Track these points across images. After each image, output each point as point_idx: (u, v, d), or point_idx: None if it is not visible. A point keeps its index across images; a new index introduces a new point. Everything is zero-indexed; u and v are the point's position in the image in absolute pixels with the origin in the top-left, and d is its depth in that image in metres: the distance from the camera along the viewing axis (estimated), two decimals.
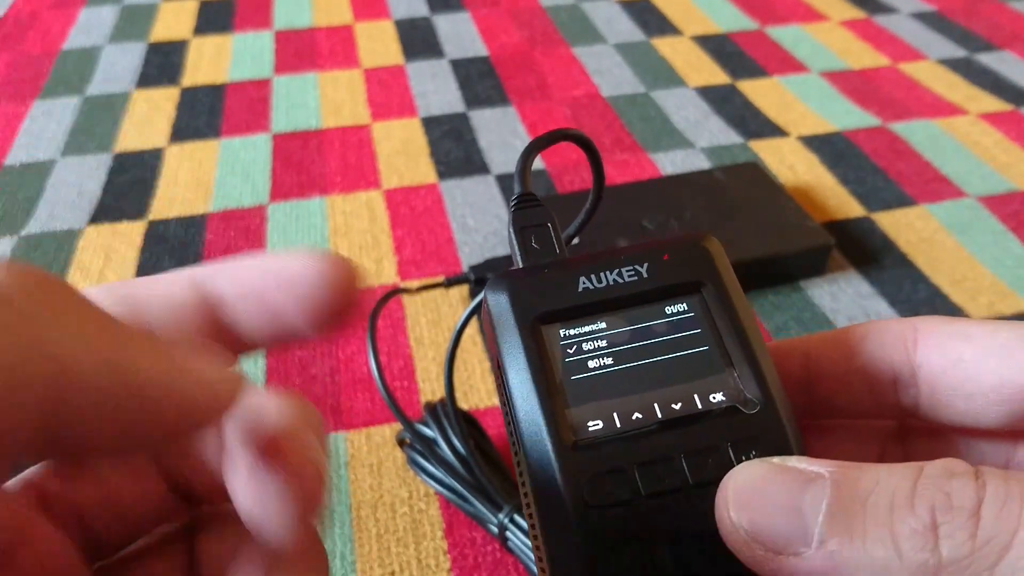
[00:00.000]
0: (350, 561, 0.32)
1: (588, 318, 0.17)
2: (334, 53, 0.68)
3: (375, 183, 0.53)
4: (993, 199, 0.51)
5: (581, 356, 0.17)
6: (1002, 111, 0.60)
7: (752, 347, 0.17)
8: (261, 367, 0.40)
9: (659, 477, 0.15)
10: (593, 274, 0.18)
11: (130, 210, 0.50)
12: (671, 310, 0.18)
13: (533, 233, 0.20)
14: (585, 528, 0.15)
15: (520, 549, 0.29)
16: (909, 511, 0.13)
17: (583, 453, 0.16)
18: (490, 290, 0.18)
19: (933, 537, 0.13)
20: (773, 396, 0.16)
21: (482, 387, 0.39)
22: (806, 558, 0.13)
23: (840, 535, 0.13)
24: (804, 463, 0.14)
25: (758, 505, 0.14)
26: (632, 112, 0.60)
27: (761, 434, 0.16)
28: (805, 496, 0.14)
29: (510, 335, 0.17)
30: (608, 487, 0.15)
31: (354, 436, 0.36)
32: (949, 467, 0.13)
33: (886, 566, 0.13)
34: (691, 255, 0.18)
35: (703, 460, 0.16)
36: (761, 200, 0.46)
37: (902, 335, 0.17)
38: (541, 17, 0.74)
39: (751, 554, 0.14)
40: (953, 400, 0.17)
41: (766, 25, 0.73)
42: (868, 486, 0.13)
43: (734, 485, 0.15)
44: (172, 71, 0.66)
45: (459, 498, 0.31)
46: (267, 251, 0.47)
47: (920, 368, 0.17)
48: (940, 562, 0.12)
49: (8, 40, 0.70)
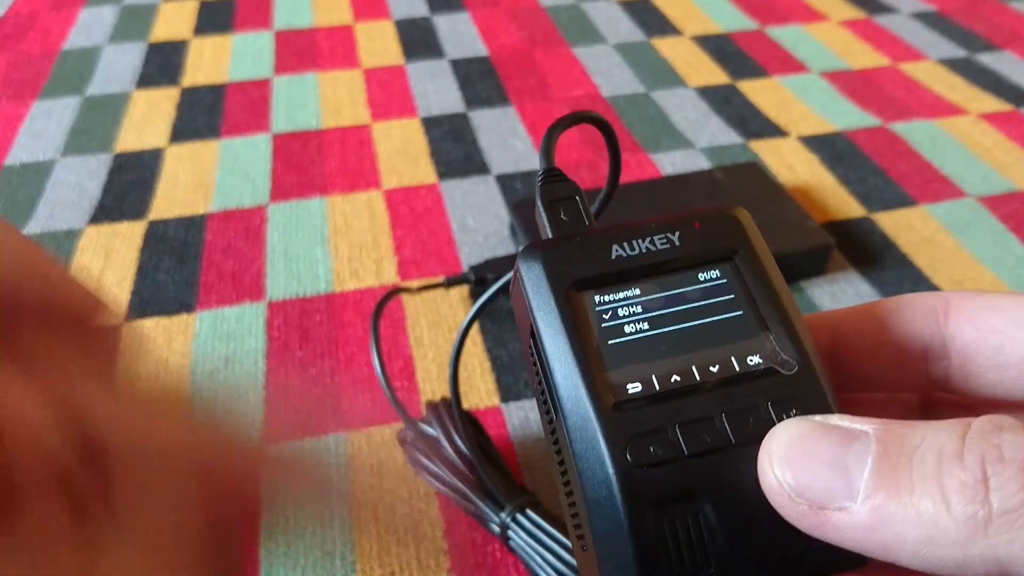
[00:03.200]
0: (350, 561, 0.32)
1: (622, 284, 0.17)
2: (334, 53, 0.68)
3: (375, 183, 0.53)
4: (993, 199, 0.51)
5: (617, 321, 0.17)
6: (1002, 111, 0.60)
7: (787, 312, 0.17)
8: (261, 368, 0.40)
9: (701, 436, 0.15)
10: (626, 242, 0.18)
11: (130, 210, 0.50)
12: (704, 276, 0.18)
13: (562, 206, 0.20)
14: (628, 488, 0.15)
15: (522, 548, 0.29)
16: (958, 464, 0.13)
17: (624, 414, 0.16)
18: (523, 259, 0.18)
19: (983, 489, 0.12)
20: (811, 358, 0.16)
21: (482, 387, 0.39)
22: (851, 512, 0.13)
23: (886, 489, 0.13)
24: (847, 421, 0.14)
25: (802, 461, 0.14)
26: (632, 112, 0.60)
27: (801, 394, 0.16)
28: (849, 451, 0.14)
29: (545, 302, 0.17)
30: (650, 447, 0.15)
31: (354, 436, 0.36)
32: (997, 421, 0.13)
33: (934, 519, 0.13)
34: (722, 224, 0.18)
35: (744, 419, 0.16)
36: (761, 200, 0.46)
37: (933, 307, 0.17)
38: (541, 17, 0.74)
39: (795, 510, 0.14)
40: (984, 372, 0.17)
41: (766, 25, 0.73)
42: (914, 441, 0.13)
43: (777, 442, 0.15)
44: (172, 71, 0.66)
45: (461, 497, 0.31)
46: (268, 251, 0.47)
47: (952, 340, 0.17)
48: (990, 514, 0.12)
49: (8, 40, 0.70)
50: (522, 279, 0.17)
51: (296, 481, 0.14)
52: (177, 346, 0.41)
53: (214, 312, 0.43)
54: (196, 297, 0.44)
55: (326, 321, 0.42)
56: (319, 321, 0.42)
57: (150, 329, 0.42)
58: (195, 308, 0.43)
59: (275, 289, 0.44)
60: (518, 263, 0.18)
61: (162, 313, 0.43)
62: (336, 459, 0.35)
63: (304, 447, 0.18)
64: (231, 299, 0.44)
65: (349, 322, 0.42)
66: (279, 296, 0.44)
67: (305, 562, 0.32)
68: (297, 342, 0.41)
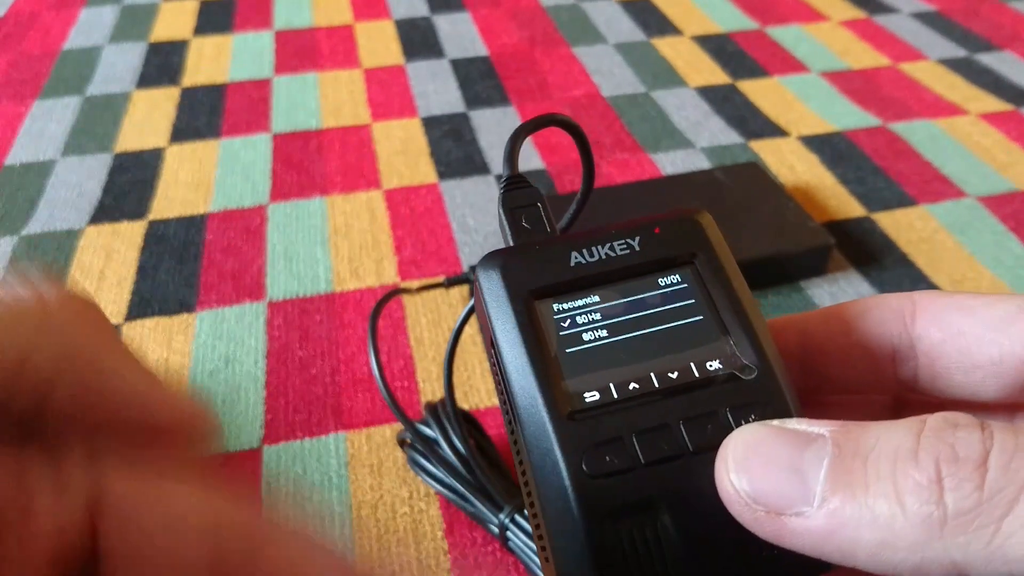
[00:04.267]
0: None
1: (581, 292, 0.17)
2: (334, 53, 0.68)
3: (375, 183, 0.53)
4: (993, 199, 0.51)
5: (575, 329, 0.17)
6: (1002, 111, 0.60)
7: (747, 315, 0.17)
8: (261, 367, 0.40)
9: (658, 444, 0.15)
10: (585, 248, 0.17)
11: (130, 210, 0.50)
12: (664, 282, 0.17)
13: (523, 213, 0.20)
14: (584, 499, 0.15)
15: (521, 549, 0.29)
16: (912, 464, 0.13)
17: (580, 423, 0.15)
18: (482, 268, 0.17)
19: (938, 489, 0.12)
20: (770, 362, 0.16)
21: (482, 387, 0.39)
22: (808, 517, 0.13)
23: (842, 492, 0.13)
24: (804, 424, 0.14)
25: (758, 466, 0.14)
26: (632, 112, 0.60)
27: (760, 399, 0.16)
28: (805, 455, 0.14)
29: (503, 311, 0.17)
30: (606, 456, 0.15)
31: (354, 436, 0.36)
32: (952, 419, 0.13)
33: (890, 521, 0.12)
34: (683, 228, 0.18)
35: (702, 426, 0.15)
36: (761, 200, 0.46)
37: (900, 308, 0.17)
38: (541, 17, 0.74)
39: (752, 516, 0.14)
40: (952, 373, 0.17)
41: (766, 25, 0.73)
42: (869, 442, 0.13)
43: (733, 448, 0.14)
44: (172, 71, 0.66)
45: (460, 498, 0.31)
46: (267, 251, 0.47)
47: (919, 341, 0.17)
48: (946, 515, 0.12)
49: (8, 40, 0.70)
50: (480, 288, 0.17)
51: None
52: (177, 346, 0.41)
53: (214, 312, 0.43)
54: (196, 297, 0.44)
55: (326, 321, 0.42)
56: (319, 321, 0.42)
57: (150, 329, 0.42)
58: (195, 308, 0.43)
59: (275, 289, 0.44)
60: (476, 272, 0.18)
61: (162, 313, 0.43)
62: (336, 459, 0.35)
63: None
64: (231, 299, 0.44)
65: (349, 322, 0.42)
66: (279, 296, 0.44)
67: None
68: (297, 342, 0.41)
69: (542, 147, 0.55)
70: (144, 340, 0.41)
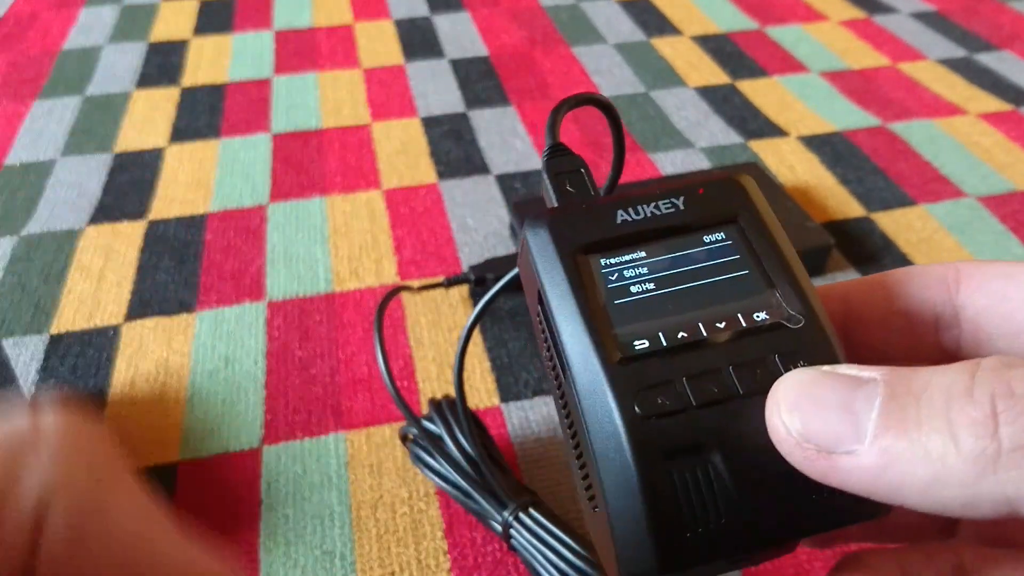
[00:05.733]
0: (350, 561, 0.32)
1: (628, 247, 0.18)
2: (334, 53, 0.68)
3: (375, 183, 0.53)
4: (993, 199, 0.51)
5: (623, 282, 0.17)
6: (1002, 111, 0.60)
7: (792, 269, 0.17)
8: (261, 367, 0.40)
9: (708, 387, 0.15)
10: (631, 207, 0.18)
11: (130, 210, 0.50)
12: (709, 239, 0.18)
13: (568, 178, 0.20)
14: (637, 440, 0.15)
15: (523, 547, 0.29)
16: (967, 400, 0.13)
17: (631, 368, 0.16)
18: (530, 226, 0.18)
19: (993, 424, 0.12)
20: (817, 313, 0.16)
21: (482, 387, 0.39)
22: (859, 455, 0.13)
23: (894, 430, 0.13)
24: (855, 369, 0.14)
25: (809, 406, 0.14)
26: (632, 112, 0.60)
27: (807, 347, 0.16)
28: (857, 395, 0.14)
29: (552, 266, 0.17)
30: (658, 398, 0.15)
31: (354, 436, 0.36)
32: (1007, 360, 0.13)
33: (943, 457, 0.12)
34: (727, 189, 0.18)
35: (751, 371, 0.16)
36: None
37: (944, 276, 0.17)
38: (541, 17, 0.74)
39: (803, 455, 0.14)
40: (995, 339, 0.17)
41: (766, 25, 0.73)
42: (922, 382, 0.13)
43: (784, 388, 0.15)
44: (172, 71, 0.66)
45: (463, 495, 0.31)
46: (270, 251, 0.47)
47: (963, 308, 0.17)
48: (1000, 448, 0.12)
49: (8, 40, 0.70)
50: (529, 246, 0.18)
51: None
52: (177, 346, 0.41)
53: (214, 312, 0.43)
54: (196, 297, 0.44)
55: (326, 321, 0.42)
56: (319, 321, 0.42)
57: (150, 329, 0.42)
58: (195, 308, 0.43)
59: (275, 289, 0.44)
60: (524, 230, 0.18)
61: (162, 313, 0.43)
62: (336, 459, 0.35)
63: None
64: (231, 299, 0.44)
65: (349, 322, 0.42)
66: (279, 296, 0.44)
67: (305, 562, 0.32)
68: (297, 342, 0.41)
69: (543, 147, 0.55)
70: (144, 340, 0.41)
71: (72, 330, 0.42)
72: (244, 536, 0.33)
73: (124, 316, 0.43)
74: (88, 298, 0.44)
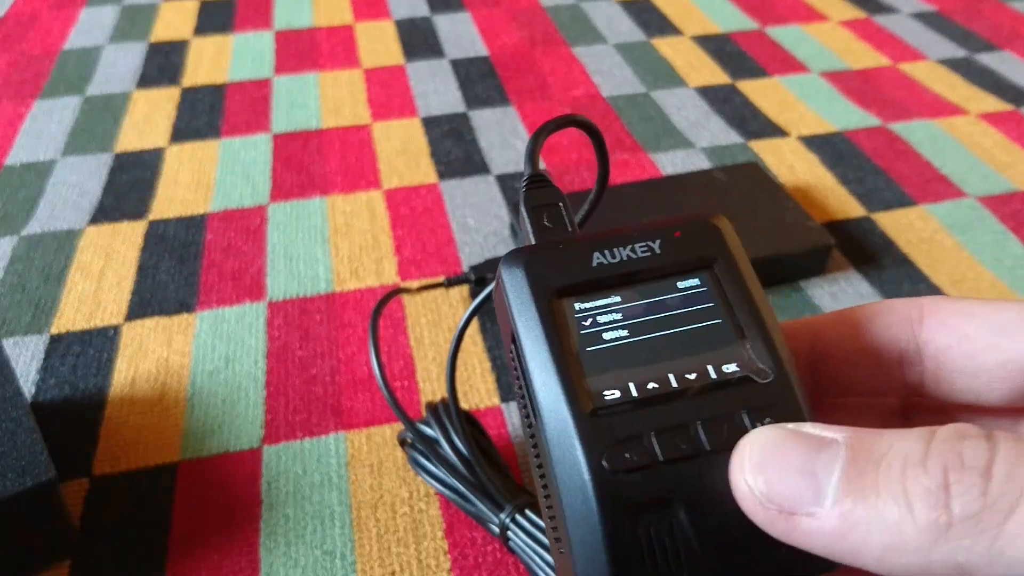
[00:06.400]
0: (350, 561, 0.32)
1: (603, 292, 0.18)
2: (334, 53, 0.68)
3: (375, 183, 0.53)
4: (993, 199, 0.51)
5: (596, 328, 0.17)
6: (1002, 111, 0.60)
7: (764, 320, 0.17)
8: (261, 367, 0.40)
9: (676, 443, 0.16)
10: (607, 249, 0.18)
11: (130, 210, 0.50)
12: (684, 285, 0.18)
13: (545, 212, 0.20)
14: (604, 494, 0.15)
15: (521, 549, 0.29)
16: (922, 471, 0.13)
17: (601, 420, 0.16)
18: (506, 265, 0.18)
19: (945, 495, 0.13)
20: (786, 367, 0.17)
21: (482, 387, 0.39)
22: (819, 518, 0.14)
23: (853, 495, 0.13)
24: (818, 429, 0.15)
25: (773, 467, 0.14)
26: (632, 112, 0.60)
27: (775, 403, 0.16)
28: (819, 458, 0.14)
29: (526, 308, 0.17)
30: (627, 453, 0.15)
31: (354, 436, 0.36)
32: (961, 430, 0.14)
33: (899, 525, 0.13)
34: (703, 232, 0.18)
35: (719, 427, 0.16)
36: (761, 200, 0.46)
37: (908, 313, 0.18)
38: (541, 17, 0.74)
39: (766, 516, 0.14)
40: (957, 377, 0.17)
41: (766, 25, 0.73)
42: (881, 449, 0.14)
43: (749, 448, 0.15)
44: (172, 71, 0.66)
45: (460, 498, 0.31)
46: (271, 251, 0.47)
47: (925, 346, 0.17)
48: (951, 519, 0.13)
49: (8, 40, 0.70)
50: (504, 285, 0.18)
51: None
52: (177, 346, 0.41)
53: (214, 312, 0.43)
54: (196, 297, 0.44)
55: (326, 321, 0.42)
56: (319, 321, 0.42)
57: (150, 329, 0.42)
58: (195, 308, 0.43)
59: (275, 289, 0.44)
60: (500, 269, 0.18)
61: (162, 313, 0.43)
62: (336, 459, 0.36)
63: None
64: (231, 299, 0.44)
65: (349, 322, 0.42)
66: (279, 296, 0.44)
67: (305, 562, 0.32)
68: (297, 342, 0.41)
69: (544, 148, 0.55)
70: (144, 340, 0.41)
71: (72, 330, 0.42)
72: (244, 536, 0.33)
73: (124, 316, 0.43)
74: (88, 298, 0.44)
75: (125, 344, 0.41)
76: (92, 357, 0.40)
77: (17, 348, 0.41)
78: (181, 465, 0.35)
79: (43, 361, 0.40)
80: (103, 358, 0.40)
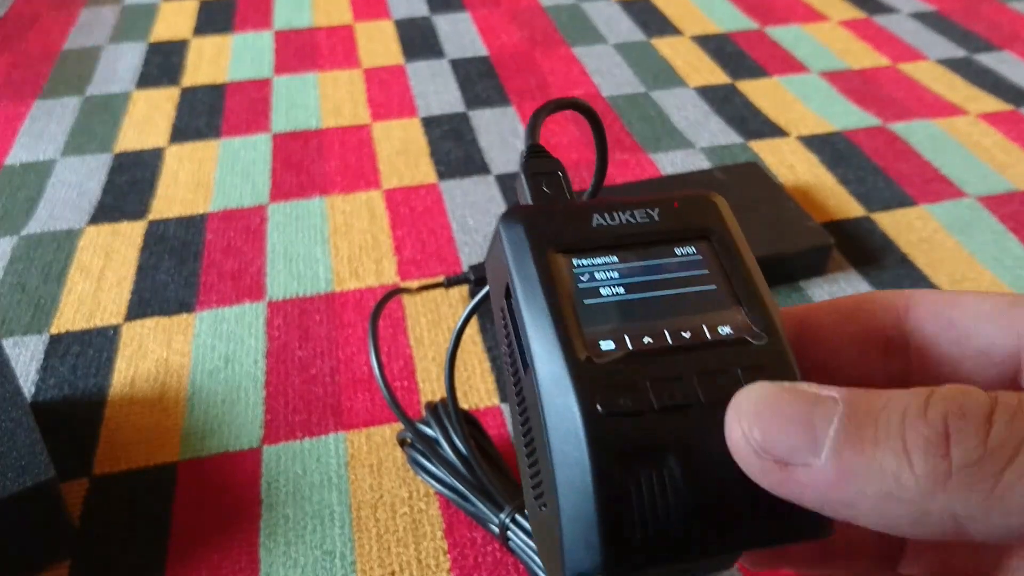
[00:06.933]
0: (350, 561, 0.32)
1: (601, 251, 0.18)
2: (334, 53, 0.68)
3: (375, 183, 0.53)
4: (993, 199, 0.51)
5: (594, 283, 0.17)
6: (1002, 111, 0.60)
7: (759, 289, 0.17)
8: (261, 367, 0.40)
9: (671, 392, 0.16)
10: (607, 212, 0.18)
11: (130, 210, 0.50)
12: (681, 252, 0.18)
13: (544, 179, 0.20)
14: (596, 436, 0.15)
15: (521, 549, 0.29)
16: (922, 421, 0.13)
17: (596, 367, 0.16)
18: (505, 221, 0.18)
19: (945, 444, 0.13)
20: (779, 332, 0.17)
21: (482, 387, 0.39)
22: (815, 468, 0.13)
23: (850, 445, 0.13)
24: (815, 387, 0.15)
25: (769, 417, 0.14)
26: (632, 112, 0.60)
27: (769, 364, 0.16)
28: (817, 410, 0.14)
29: (523, 261, 0.17)
30: (620, 398, 0.15)
31: (354, 436, 0.36)
32: (962, 388, 0.14)
33: (896, 475, 0.13)
34: (700, 206, 0.19)
35: (714, 380, 0.16)
36: (761, 200, 0.46)
37: (894, 303, 0.18)
38: (541, 17, 0.74)
39: (760, 466, 0.14)
40: (942, 365, 0.17)
41: (766, 25, 0.73)
42: (880, 403, 0.14)
43: (746, 399, 0.15)
44: (172, 71, 0.66)
45: (460, 498, 0.31)
46: (270, 251, 0.47)
47: (911, 335, 0.18)
48: (951, 468, 0.12)
49: (8, 40, 0.70)
50: (502, 238, 0.18)
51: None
52: (177, 346, 0.41)
53: (214, 312, 0.43)
54: (196, 297, 0.44)
55: (326, 321, 0.42)
56: (319, 321, 0.42)
57: (150, 329, 0.42)
58: (195, 308, 0.43)
59: (275, 289, 0.44)
60: (499, 224, 0.18)
61: (162, 313, 0.43)
62: (336, 459, 0.36)
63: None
64: (231, 299, 0.44)
65: (349, 322, 0.42)
66: (279, 296, 0.44)
67: (305, 562, 0.32)
68: (297, 342, 0.41)
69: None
70: (144, 340, 0.41)
71: (72, 330, 0.42)
72: (244, 536, 0.33)
73: (124, 316, 0.43)
74: (88, 298, 0.44)
75: (125, 344, 0.41)
76: (92, 357, 0.40)
77: (17, 348, 0.41)
78: (181, 465, 0.35)
79: (43, 361, 0.40)
80: (103, 358, 0.40)
